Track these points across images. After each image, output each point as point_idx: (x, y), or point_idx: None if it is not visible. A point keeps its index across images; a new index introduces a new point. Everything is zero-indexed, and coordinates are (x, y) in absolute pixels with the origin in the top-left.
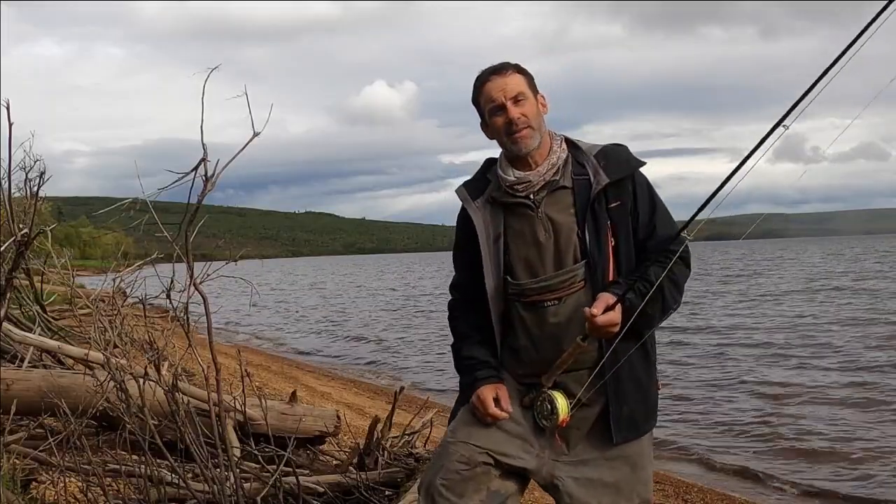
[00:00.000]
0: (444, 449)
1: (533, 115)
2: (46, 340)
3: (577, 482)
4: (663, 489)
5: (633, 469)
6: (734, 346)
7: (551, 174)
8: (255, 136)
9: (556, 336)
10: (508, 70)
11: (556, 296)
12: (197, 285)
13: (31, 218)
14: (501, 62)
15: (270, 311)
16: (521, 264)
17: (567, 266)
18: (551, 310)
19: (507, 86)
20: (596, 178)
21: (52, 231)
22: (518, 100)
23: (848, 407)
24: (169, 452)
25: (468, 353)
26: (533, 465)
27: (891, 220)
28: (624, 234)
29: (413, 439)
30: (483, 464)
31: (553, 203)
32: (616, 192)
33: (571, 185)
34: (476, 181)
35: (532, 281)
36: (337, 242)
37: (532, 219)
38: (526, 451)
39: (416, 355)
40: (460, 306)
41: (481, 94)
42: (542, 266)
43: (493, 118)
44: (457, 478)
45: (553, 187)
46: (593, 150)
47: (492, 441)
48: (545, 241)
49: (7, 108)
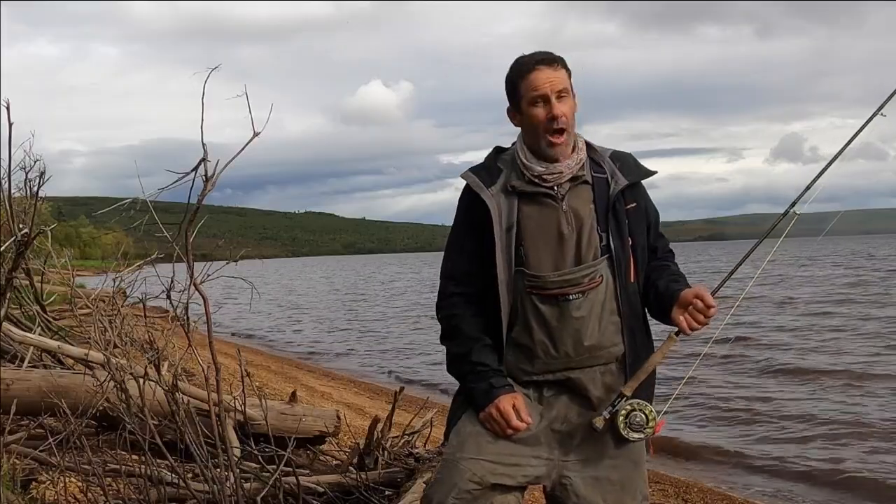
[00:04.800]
0: (453, 466)
1: (571, 115)
2: (46, 340)
3: (585, 481)
4: (663, 489)
5: (635, 466)
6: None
7: (577, 168)
8: (255, 136)
9: (579, 331)
10: (558, 63)
11: (579, 290)
12: (197, 285)
13: (31, 218)
14: (548, 52)
15: (271, 311)
16: (537, 256)
17: (587, 261)
18: (575, 303)
19: (556, 79)
20: (614, 178)
21: (52, 231)
22: (562, 96)
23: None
24: (169, 452)
25: (479, 358)
26: (544, 472)
27: (889, 220)
28: (640, 235)
29: (413, 439)
30: (494, 485)
31: (576, 197)
32: (631, 195)
33: (592, 182)
34: (486, 169)
35: (555, 273)
36: (337, 242)
37: (556, 210)
38: (536, 456)
39: (417, 355)
40: (462, 301)
41: (525, 80)
42: (563, 259)
43: (533, 108)
44: (468, 497)
45: (577, 181)
46: (607, 152)
47: (502, 453)
48: (568, 235)
49: (7, 109)
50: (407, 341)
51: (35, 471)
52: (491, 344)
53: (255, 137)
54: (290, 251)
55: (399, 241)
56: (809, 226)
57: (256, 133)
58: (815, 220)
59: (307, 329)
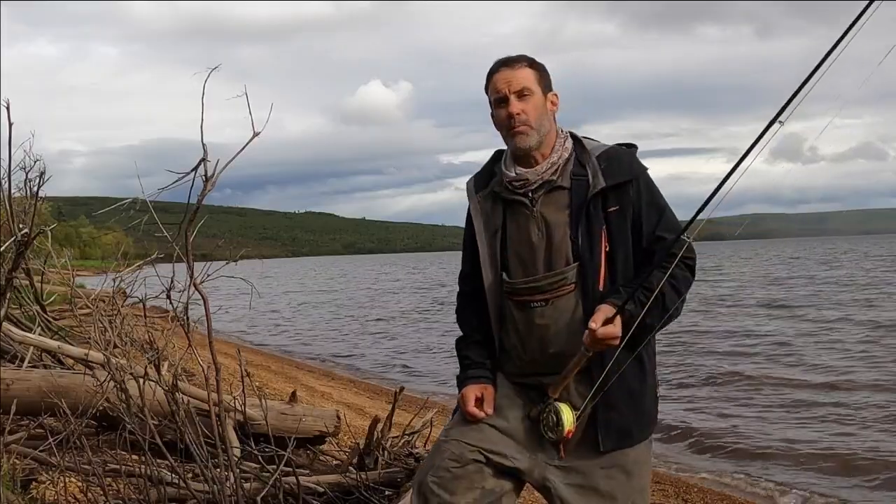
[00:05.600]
0: (436, 448)
1: (535, 113)
2: (46, 340)
3: (569, 488)
4: (663, 489)
5: (628, 477)
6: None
7: (550, 173)
8: (255, 136)
9: (543, 338)
10: (520, 63)
11: (543, 297)
12: (197, 285)
13: (31, 218)
14: (518, 54)
15: (271, 311)
16: (515, 262)
17: (558, 267)
18: (538, 311)
19: (514, 79)
20: (594, 180)
21: (52, 231)
22: (523, 94)
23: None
24: (169, 452)
25: (464, 352)
26: (525, 466)
27: (889, 220)
28: (621, 241)
29: (413, 439)
30: (474, 461)
31: (549, 203)
32: (616, 197)
33: (569, 186)
34: (483, 173)
35: (522, 280)
36: (337, 242)
37: (528, 217)
38: (519, 451)
39: (418, 355)
40: (465, 300)
41: (489, 84)
42: (534, 266)
43: (497, 110)
44: (448, 475)
45: (550, 187)
46: (597, 151)
47: (484, 439)
48: (538, 242)
49: (7, 109)
50: (409, 340)
51: (35, 471)
52: (480, 340)
53: (255, 137)
54: (290, 251)
55: (399, 241)
56: (810, 225)
57: (256, 133)
58: (815, 220)
59: (307, 329)
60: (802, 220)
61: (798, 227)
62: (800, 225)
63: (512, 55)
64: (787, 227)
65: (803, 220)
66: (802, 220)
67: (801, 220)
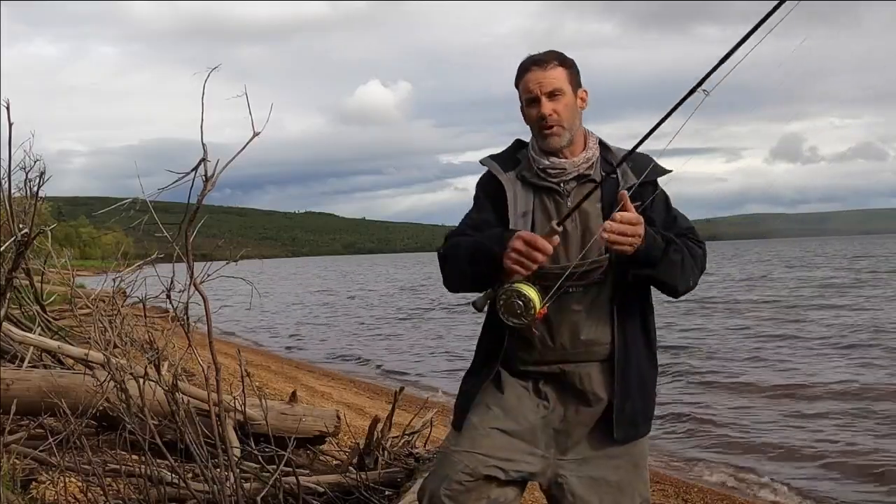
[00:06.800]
0: (447, 458)
1: (567, 113)
2: (46, 340)
3: (581, 480)
4: (663, 489)
5: (635, 468)
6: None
7: (585, 167)
8: (255, 136)
9: (576, 324)
10: (551, 62)
11: (580, 283)
12: (197, 285)
13: (31, 218)
14: (547, 51)
15: (271, 311)
16: None
17: (590, 257)
18: (575, 296)
19: (545, 80)
20: (624, 177)
21: (52, 231)
22: (554, 95)
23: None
24: (169, 452)
25: (481, 237)
26: (538, 468)
27: (889, 220)
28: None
29: (413, 439)
30: (486, 477)
31: (581, 195)
32: (639, 194)
33: (601, 181)
34: (505, 157)
35: (555, 266)
36: (337, 242)
37: (561, 206)
38: (531, 452)
39: (418, 355)
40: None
41: (521, 83)
42: (566, 253)
43: (528, 109)
44: (460, 489)
45: (584, 179)
46: (620, 152)
47: (496, 448)
48: (572, 231)
49: (7, 109)
50: (407, 341)
51: (35, 471)
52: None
53: (254, 137)
54: (290, 251)
55: (399, 241)
56: (810, 225)
57: (256, 133)
58: (815, 220)
59: (308, 328)
60: (802, 220)
61: (798, 227)
62: (800, 225)
63: (542, 53)
64: (787, 228)
65: (803, 220)
66: (802, 220)
67: (801, 220)
